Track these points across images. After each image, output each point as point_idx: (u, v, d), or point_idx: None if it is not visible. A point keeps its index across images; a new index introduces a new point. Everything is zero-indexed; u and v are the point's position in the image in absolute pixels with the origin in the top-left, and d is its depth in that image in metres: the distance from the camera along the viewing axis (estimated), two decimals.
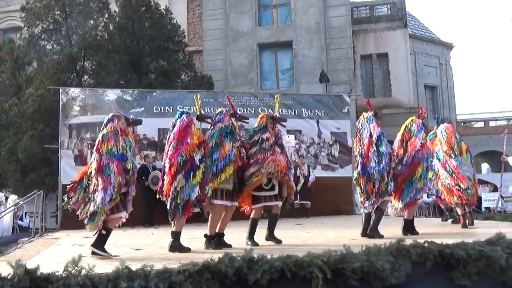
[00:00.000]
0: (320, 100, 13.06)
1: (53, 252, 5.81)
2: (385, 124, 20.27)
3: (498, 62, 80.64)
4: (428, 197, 12.08)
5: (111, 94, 11.52)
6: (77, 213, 5.02)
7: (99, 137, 5.08)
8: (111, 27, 15.90)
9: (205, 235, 5.52)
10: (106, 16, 15.95)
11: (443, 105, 24.47)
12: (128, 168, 5.05)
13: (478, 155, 28.05)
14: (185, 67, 16.59)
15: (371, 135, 6.32)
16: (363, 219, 6.27)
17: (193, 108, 11.75)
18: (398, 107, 20.47)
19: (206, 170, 5.26)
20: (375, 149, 6.18)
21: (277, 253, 3.76)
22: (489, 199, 11.21)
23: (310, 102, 12.81)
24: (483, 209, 11.58)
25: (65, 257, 3.58)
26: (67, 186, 5.18)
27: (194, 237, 5.93)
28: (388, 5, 21.84)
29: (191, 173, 5.13)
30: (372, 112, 6.58)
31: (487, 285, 4.01)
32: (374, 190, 6.02)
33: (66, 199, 5.10)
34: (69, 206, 5.05)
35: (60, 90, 11.34)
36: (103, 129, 5.14)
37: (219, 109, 5.79)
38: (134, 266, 3.39)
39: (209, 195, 5.26)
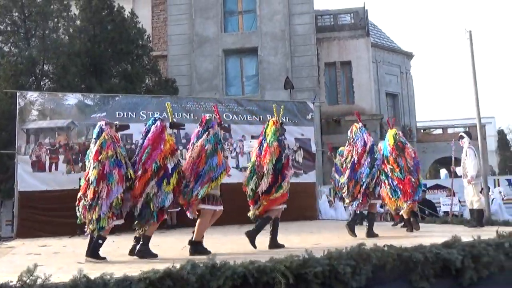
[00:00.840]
0: (284, 106, 13.14)
1: (8, 262, 5.58)
2: (347, 130, 20.73)
3: (455, 71, 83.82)
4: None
5: (72, 99, 11.20)
6: (81, 222, 5.08)
7: (97, 145, 5.08)
8: (72, 30, 15.54)
9: (191, 241, 5.45)
10: (67, 18, 15.59)
11: (404, 113, 25.17)
12: (129, 175, 5.13)
13: (436, 161, 28.99)
14: (149, 72, 16.40)
15: (365, 144, 6.78)
16: (350, 217, 7.10)
17: (156, 114, 11.64)
18: (361, 114, 20.88)
19: (203, 174, 5.33)
20: (368, 156, 6.71)
21: (240, 259, 3.75)
22: (446, 203, 11.55)
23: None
24: (440, 213, 11.95)
25: (20, 267, 3.43)
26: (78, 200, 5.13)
27: (157, 244, 5.82)
28: (351, 14, 22.37)
29: (165, 180, 5.17)
30: (362, 124, 7.15)
31: (444, 287, 4.13)
32: (361, 191, 6.61)
33: (78, 214, 5.15)
34: (81, 218, 5.12)
35: (18, 93, 10.94)
36: (96, 137, 5.17)
37: (208, 116, 5.86)
38: (93, 275, 3.29)
39: (200, 198, 5.33)
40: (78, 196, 5.16)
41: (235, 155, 12.01)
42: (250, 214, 6.04)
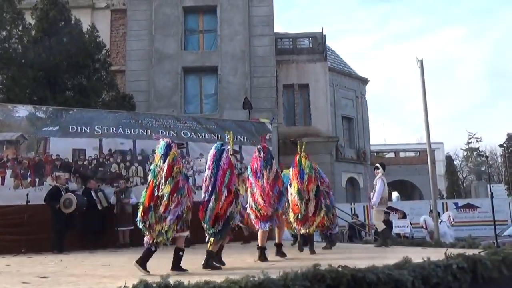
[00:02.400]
0: (242, 125, 13.23)
1: None
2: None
3: (408, 97, 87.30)
4: None
5: (22, 111, 10.76)
6: (147, 234, 5.31)
7: (168, 161, 5.37)
8: (25, 40, 15.03)
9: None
10: (21, 27, 15.07)
11: (359, 136, 25.84)
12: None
13: (389, 184, 29.81)
14: (107, 86, 16.06)
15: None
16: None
17: (112, 129, 11.38)
18: (317, 136, 21.29)
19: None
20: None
21: (195, 279, 3.68)
22: (398, 225, 11.85)
23: (233, 128, 12.88)
24: (393, 235, 12.22)
25: None
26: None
27: (108, 263, 5.62)
28: (310, 38, 22.93)
29: (236, 201, 5.91)
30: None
31: None
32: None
33: (141, 225, 5.34)
34: (145, 230, 5.32)
35: None
36: (164, 154, 5.47)
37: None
38: None
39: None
40: (142, 209, 5.35)
41: (192, 173, 11.89)
42: (302, 231, 7.50)
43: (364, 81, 27.42)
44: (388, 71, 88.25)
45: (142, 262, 5.28)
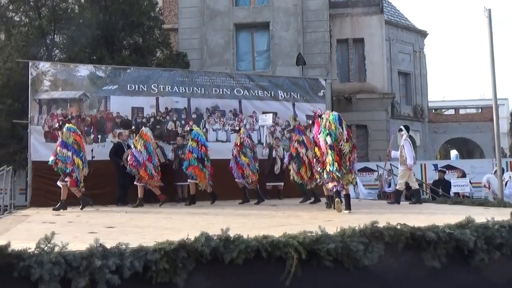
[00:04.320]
0: (296, 83, 13.06)
1: (24, 229, 5.67)
2: (358, 108, 20.66)
3: (470, 51, 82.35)
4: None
5: (84, 70, 11.18)
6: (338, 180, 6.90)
7: (346, 128, 7.14)
8: (82, 0, 15.37)
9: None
10: None
11: (416, 92, 24.88)
12: None
13: (447, 141, 28.82)
14: (160, 45, 16.26)
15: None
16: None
17: (167, 87, 11.61)
18: (372, 92, 20.71)
19: None
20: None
21: (253, 233, 3.77)
22: (458, 184, 11.49)
23: (286, 85, 12.80)
24: (452, 194, 11.90)
25: (37, 235, 3.49)
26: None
27: (169, 216, 5.88)
28: None
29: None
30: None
31: (455, 267, 4.14)
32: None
33: (339, 173, 6.91)
34: (342, 177, 6.92)
35: (30, 63, 10.94)
36: (340, 124, 7.07)
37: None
38: (109, 244, 3.33)
39: None
40: (337, 162, 6.79)
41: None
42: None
43: (423, 34, 26.07)
44: (449, 22, 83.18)
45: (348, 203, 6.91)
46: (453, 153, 33.55)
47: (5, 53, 13.95)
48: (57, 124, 9.05)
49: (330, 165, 6.88)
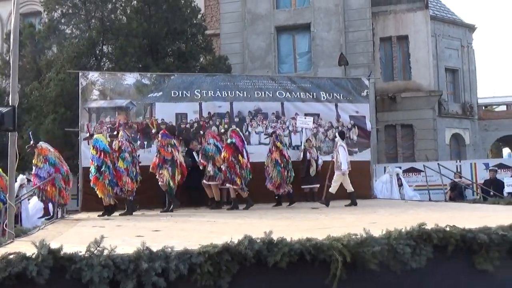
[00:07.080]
0: (338, 83, 12.90)
1: (76, 233, 5.91)
2: (403, 107, 20.14)
3: None
4: None
5: (130, 78, 11.55)
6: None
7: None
8: (129, 11, 15.89)
9: None
10: None
11: (464, 89, 23.93)
12: None
13: (499, 139, 27.51)
14: (203, 50, 16.54)
15: None
16: None
17: (210, 92, 11.75)
18: (418, 90, 20.14)
19: None
20: None
21: (296, 236, 3.75)
22: (511, 184, 10.95)
23: (329, 85, 12.66)
24: (505, 194, 11.35)
25: (87, 238, 3.63)
26: None
27: (213, 219, 5.96)
28: None
29: None
30: None
31: (509, 270, 3.95)
32: None
33: None
34: None
35: (80, 74, 11.42)
36: None
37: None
38: (155, 248, 3.42)
39: None
40: None
41: (288, 133, 11.98)
42: None
43: (471, 28, 25.05)
44: (500, 15, 79.67)
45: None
46: (506, 151, 32.02)
47: (58, 65, 14.62)
48: (88, 133, 9.34)
49: None
